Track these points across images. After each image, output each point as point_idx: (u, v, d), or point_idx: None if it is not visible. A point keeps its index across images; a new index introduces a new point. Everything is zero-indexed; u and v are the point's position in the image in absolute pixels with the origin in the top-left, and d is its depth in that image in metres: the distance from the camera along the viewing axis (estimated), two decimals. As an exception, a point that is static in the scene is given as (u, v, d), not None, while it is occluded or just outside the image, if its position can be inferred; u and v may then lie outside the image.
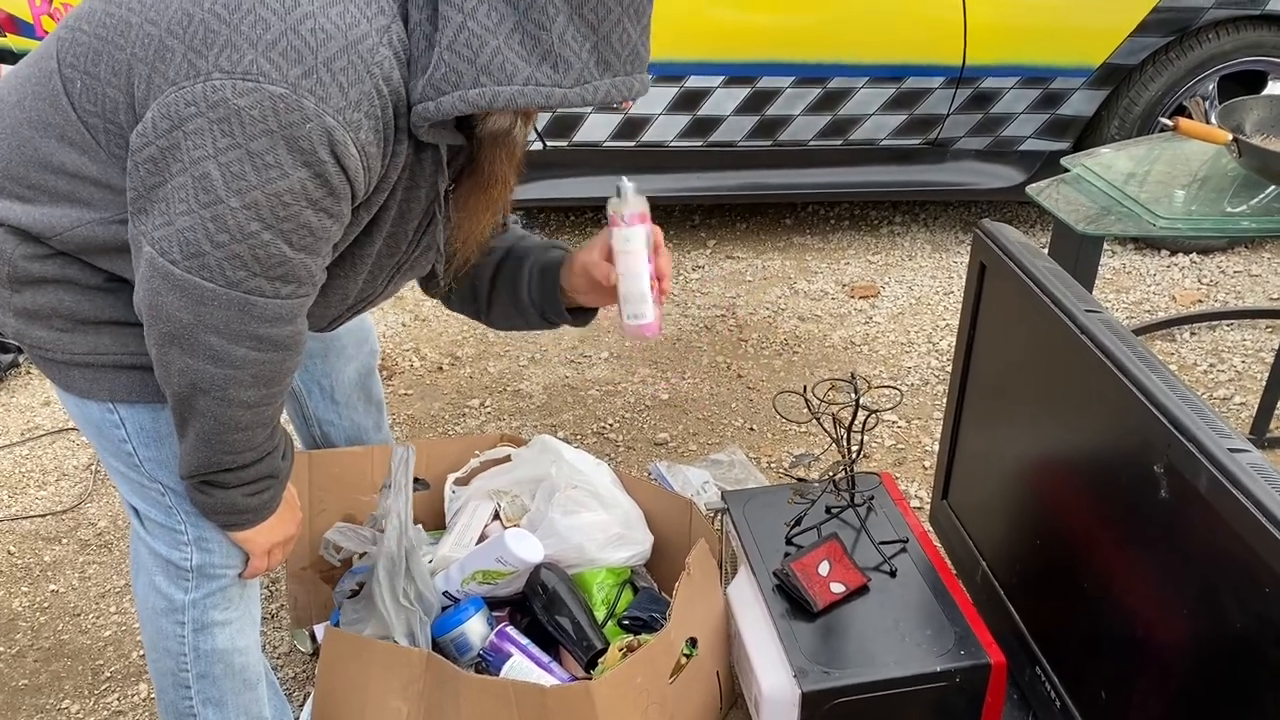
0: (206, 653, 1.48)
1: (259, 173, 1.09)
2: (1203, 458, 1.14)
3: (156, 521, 1.41)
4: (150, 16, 1.13)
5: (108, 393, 1.32)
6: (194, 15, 1.10)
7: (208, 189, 1.09)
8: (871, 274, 3.32)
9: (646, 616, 1.77)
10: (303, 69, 1.07)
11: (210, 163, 1.08)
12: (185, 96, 1.08)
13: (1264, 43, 3.08)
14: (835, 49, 3.04)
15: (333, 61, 1.08)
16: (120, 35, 1.14)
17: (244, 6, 1.08)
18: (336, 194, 1.15)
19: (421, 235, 1.37)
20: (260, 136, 1.08)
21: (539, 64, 1.11)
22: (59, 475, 2.49)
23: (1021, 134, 3.22)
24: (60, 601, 2.14)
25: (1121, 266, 3.32)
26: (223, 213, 1.10)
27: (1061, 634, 1.51)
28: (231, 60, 1.07)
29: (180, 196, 1.10)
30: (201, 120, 1.07)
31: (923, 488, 2.36)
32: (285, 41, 1.07)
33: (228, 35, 1.08)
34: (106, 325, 1.29)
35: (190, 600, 1.44)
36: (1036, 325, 1.50)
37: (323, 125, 1.08)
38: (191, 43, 1.09)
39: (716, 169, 3.26)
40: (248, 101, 1.06)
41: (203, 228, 1.11)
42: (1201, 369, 2.78)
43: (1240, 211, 1.95)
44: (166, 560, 1.42)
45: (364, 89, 1.10)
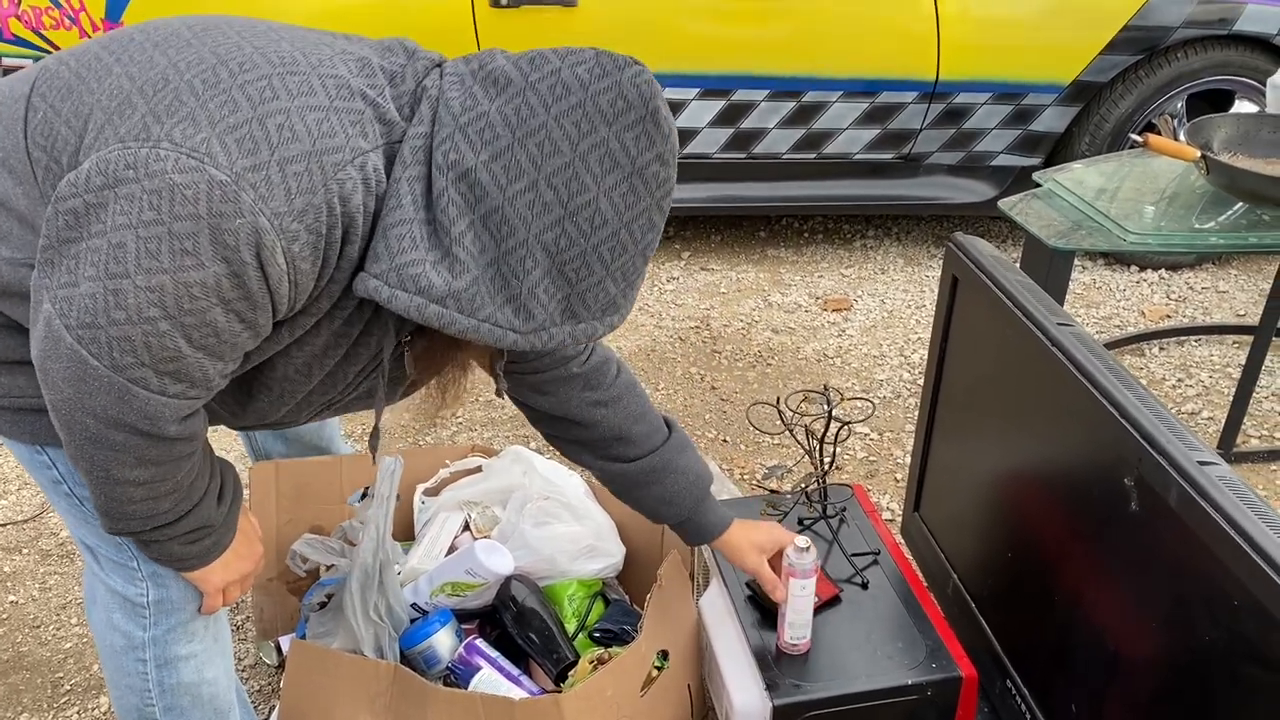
0: (172, 687, 1.42)
1: (174, 258, 1.00)
2: (1173, 471, 1.14)
3: (109, 558, 1.33)
4: (131, 72, 1.07)
5: (30, 436, 1.24)
6: (170, 82, 1.04)
7: (119, 260, 1.00)
8: (844, 287, 3.33)
9: (618, 629, 1.75)
10: (254, 161, 0.99)
11: (129, 232, 1.00)
12: (128, 157, 1.00)
13: (1231, 62, 3.13)
14: (810, 63, 3.06)
15: (289, 163, 1.00)
16: (96, 80, 1.09)
17: (221, 86, 1.02)
18: (252, 300, 1.04)
19: (362, 381, 1.26)
20: (186, 219, 0.99)
21: (503, 305, 1.05)
22: (20, 484, 2.45)
23: (993, 149, 3.25)
24: (19, 613, 2.09)
25: (1091, 282, 3.35)
26: (125, 288, 1.00)
27: (1032, 647, 1.51)
28: (184, 133, 1.00)
29: (91, 260, 1.01)
30: (135, 187, 0.99)
31: (894, 500, 2.37)
32: (246, 129, 1.00)
33: (192, 108, 1.01)
34: (20, 366, 1.18)
35: (150, 637, 1.37)
36: (1008, 338, 1.51)
37: (254, 224, 0.99)
38: (154, 106, 1.03)
39: (691, 181, 3.26)
40: (184, 179, 0.98)
41: (103, 298, 1.01)
42: (1170, 384, 2.81)
43: (1209, 228, 1.97)
44: (123, 597, 1.35)
45: (313, 200, 1.01)
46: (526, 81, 1.03)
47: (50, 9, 2.92)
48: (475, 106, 1.04)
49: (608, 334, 1.12)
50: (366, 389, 1.28)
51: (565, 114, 1.02)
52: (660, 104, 1.05)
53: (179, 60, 1.06)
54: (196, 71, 1.04)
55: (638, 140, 1.03)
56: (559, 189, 1.02)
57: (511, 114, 1.02)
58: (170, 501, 1.20)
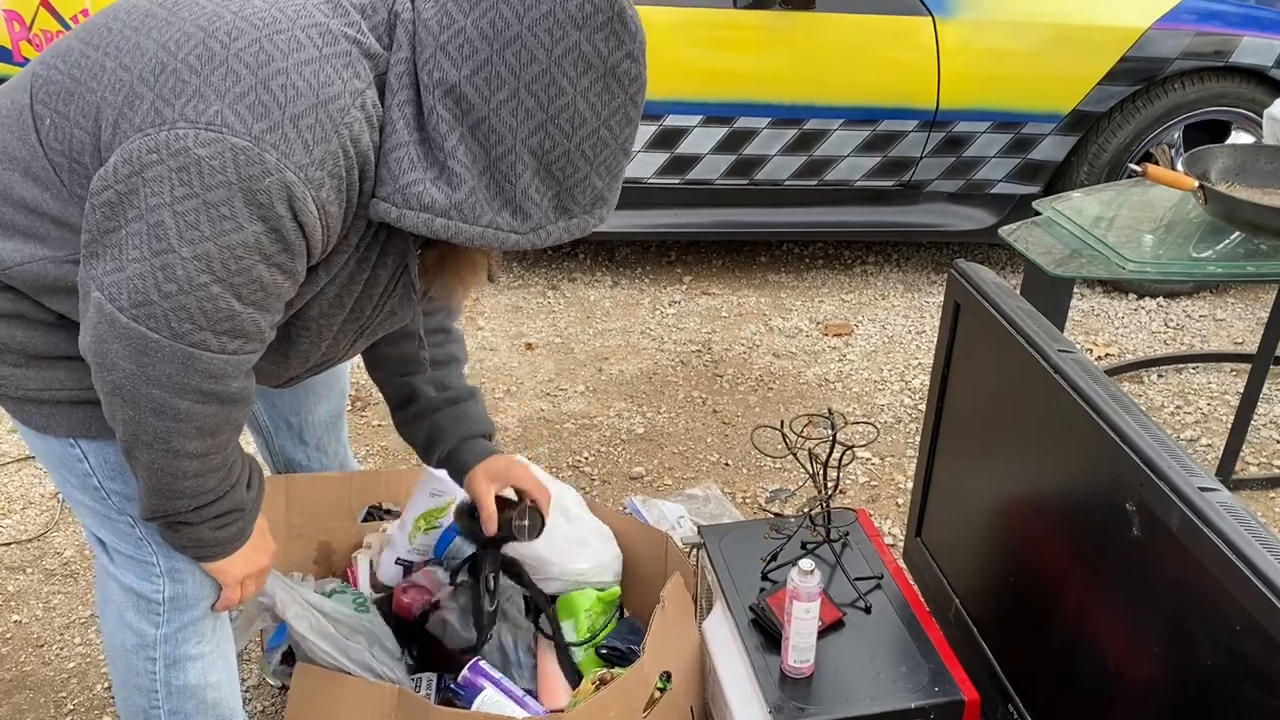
0: (179, 689, 1.45)
1: (213, 224, 1.07)
2: (1174, 496, 1.16)
3: (125, 554, 1.37)
4: (124, 62, 1.12)
5: (66, 428, 1.29)
6: (166, 64, 1.09)
7: (160, 237, 1.07)
8: (845, 312, 3.35)
9: (625, 648, 1.76)
10: (268, 123, 1.06)
11: (166, 211, 1.06)
12: (149, 143, 1.06)
13: (1228, 94, 3.17)
14: (812, 91, 3.10)
15: (300, 119, 1.07)
16: (93, 78, 1.13)
17: (217, 58, 1.07)
18: (291, 250, 1.12)
19: (386, 301, 1.34)
20: (218, 188, 1.06)
21: (500, 209, 1.13)
22: (24, 503, 2.45)
23: (993, 177, 3.28)
24: (23, 632, 2.10)
25: (1090, 309, 3.37)
26: (173, 262, 1.08)
27: (1034, 671, 1.52)
28: (197, 110, 1.06)
29: (134, 243, 1.08)
30: (162, 168, 1.06)
31: (896, 525, 2.38)
32: (254, 95, 1.06)
33: (196, 85, 1.07)
34: (61, 360, 1.25)
35: (162, 635, 1.41)
36: (1010, 364, 1.52)
37: (282, 180, 1.06)
38: (161, 91, 1.08)
39: (693, 206, 3.29)
40: (208, 152, 1.05)
41: (152, 276, 1.08)
42: (1169, 410, 2.82)
43: (1206, 256, 1.99)
44: (138, 594, 1.39)
45: (329, 148, 1.08)
46: None
47: (61, 31, 2.95)
48: (452, 24, 1.09)
49: (598, 226, 1.20)
50: (389, 309, 1.36)
51: (537, 22, 1.07)
52: (625, 4, 1.10)
53: (166, 40, 1.11)
54: (189, 49, 1.09)
55: (607, 41, 1.09)
56: (538, 94, 1.09)
57: (487, 27, 1.08)
58: (216, 478, 1.26)
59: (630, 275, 3.58)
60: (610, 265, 3.65)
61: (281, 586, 1.68)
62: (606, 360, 3.07)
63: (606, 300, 3.42)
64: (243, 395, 1.21)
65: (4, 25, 2.94)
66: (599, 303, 3.40)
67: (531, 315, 3.32)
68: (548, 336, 3.19)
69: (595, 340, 3.18)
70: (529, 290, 3.47)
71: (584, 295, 3.45)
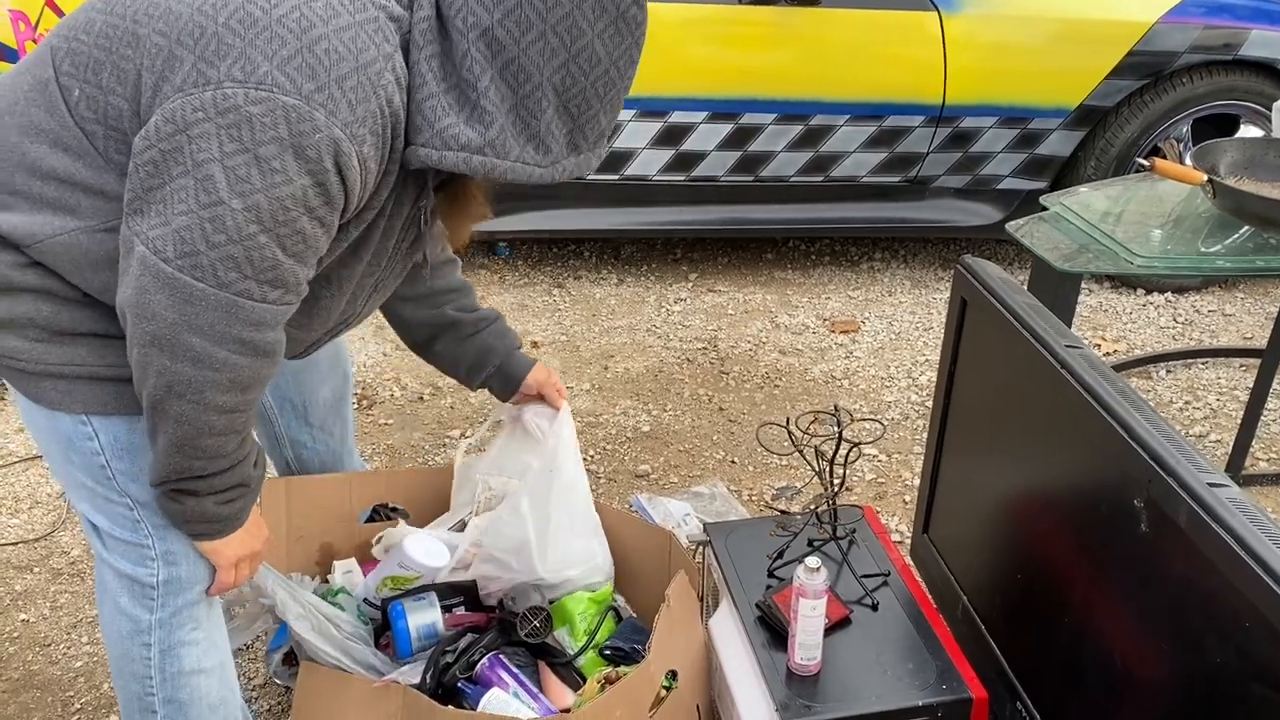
0: (173, 675, 1.46)
1: (265, 176, 1.13)
2: (1183, 493, 1.15)
3: (120, 539, 1.39)
4: (159, 28, 1.16)
5: (82, 405, 1.32)
6: (206, 28, 1.14)
7: (209, 190, 1.13)
8: (852, 309, 3.34)
9: (629, 647, 1.76)
10: (316, 84, 1.13)
11: (215, 165, 1.12)
12: (193, 102, 1.12)
13: (1237, 87, 3.15)
14: (817, 87, 3.08)
15: (344, 80, 1.14)
16: (127, 46, 1.17)
17: (260, 23, 1.13)
18: (333, 204, 1.20)
19: (399, 250, 1.42)
20: (270, 143, 1.12)
21: (525, 144, 1.23)
22: (32, 503, 2.46)
23: (1000, 173, 3.26)
24: (30, 631, 2.10)
25: (1098, 304, 3.35)
26: (223, 213, 1.14)
27: (1042, 668, 1.51)
28: (245, 71, 1.12)
29: (180, 197, 1.13)
30: (209, 125, 1.12)
31: (903, 521, 2.37)
32: (300, 58, 1.12)
33: (241, 48, 1.12)
34: (83, 337, 1.29)
35: (157, 620, 1.43)
36: (1017, 360, 1.52)
37: (331, 136, 1.14)
38: (203, 53, 1.13)
39: (699, 203, 3.28)
40: (260, 109, 1.11)
41: (200, 228, 1.14)
42: (1177, 406, 2.81)
43: (1215, 251, 1.98)
44: (132, 579, 1.41)
45: (370, 107, 1.16)
46: None
47: (66, 33, 2.96)
48: None
49: (598, 164, 1.33)
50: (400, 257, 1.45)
51: None
52: None
53: (200, 5, 1.16)
54: (228, 13, 1.14)
55: None
56: (562, 35, 1.18)
57: None
58: (235, 441, 1.31)
59: (636, 273, 3.58)
60: (616, 263, 3.64)
61: (283, 587, 1.68)
62: (612, 358, 3.06)
63: (612, 298, 3.41)
64: (276, 348, 1.27)
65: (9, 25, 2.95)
66: (604, 300, 3.40)
67: (537, 313, 3.31)
68: (553, 334, 3.19)
69: (601, 338, 3.17)
70: (534, 288, 3.47)
71: (589, 293, 3.44)
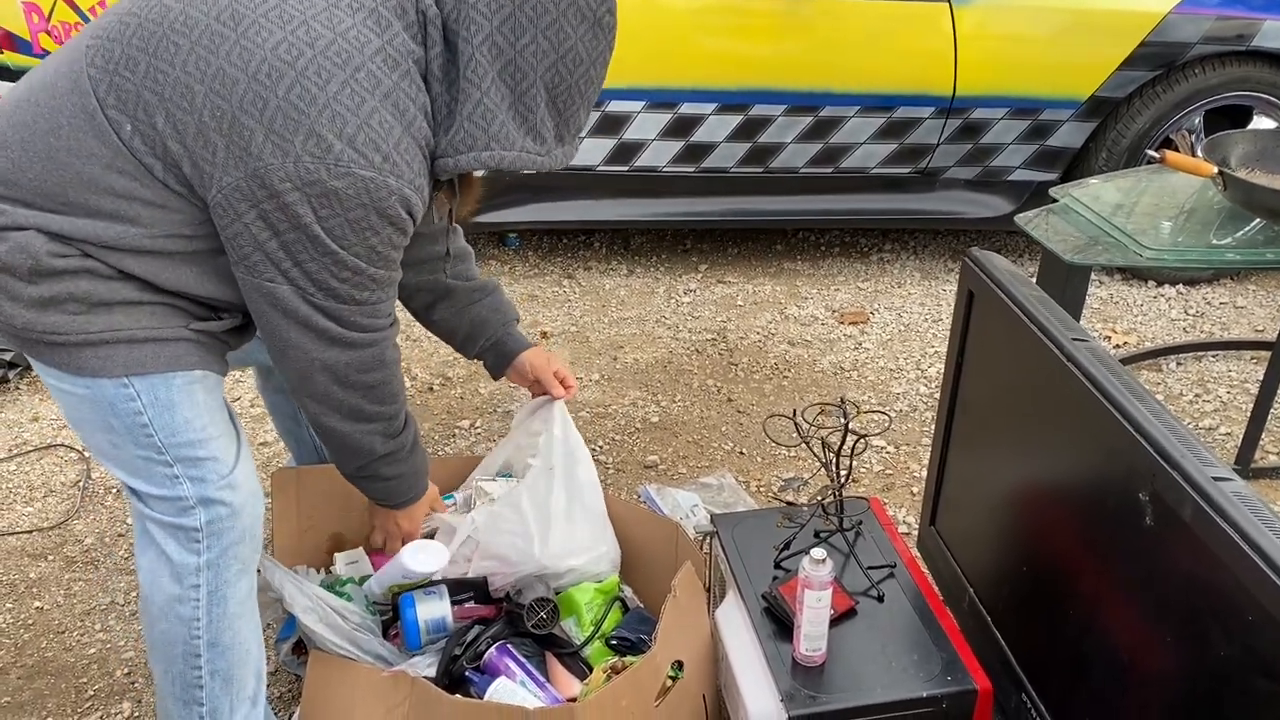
0: (219, 617, 1.51)
1: (358, 233, 1.35)
2: (1187, 486, 1.15)
3: (159, 496, 1.46)
4: (215, 89, 1.29)
5: (123, 367, 1.40)
6: (269, 101, 1.28)
7: (320, 245, 1.35)
8: (861, 300, 3.34)
9: (635, 638, 1.77)
10: (381, 155, 1.32)
11: (316, 226, 1.33)
12: (278, 174, 1.29)
13: (1249, 78, 3.13)
14: (827, 78, 3.08)
15: (399, 145, 1.33)
16: (182, 99, 1.30)
17: (320, 101, 1.28)
18: (408, 235, 1.43)
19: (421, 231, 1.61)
20: (356, 209, 1.33)
21: (524, 136, 1.41)
22: (46, 491, 2.48)
23: (1010, 164, 3.25)
24: (45, 619, 2.12)
25: (1109, 296, 3.34)
26: (342, 259, 1.37)
27: (1048, 661, 1.52)
28: (320, 148, 1.29)
29: (299, 248, 1.35)
30: (298, 195, 1.30)
31: (910, 513, 2.37)
32: (363, 135, 1.30)
33: (309, 125, 1.28)
34: (120, 305, 1.39)
35: (205, 561, 1.48)
36: (1024, 353, 1.52)
37: (403, 196, 1.35)
38: (272, 126, 1.28)
39: (708, 194, 3.28)
40: (344, 184, 1.31)
41: (328, 269, 1.37)
42: (1187, 399, 2.80)
43: (1226, 243, 1.97)
44: (176, 527, 1.47)
45: (420, 159, 1.37)
46: None
47: (79, 24, 2.97)
48: None
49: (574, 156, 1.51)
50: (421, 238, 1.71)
51: None
52: None
53: (254, 72, 1.28)
54: (285, 87, 1.28)
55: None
56: (551, 39, 1.36)
57: None
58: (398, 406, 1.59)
59: (645, 264, 3.58)
60: (625, 254, 3.65)
61: (290, 580, 1.70)
62: (621, 349, 3.07)
63: (622, 289, 3.42)
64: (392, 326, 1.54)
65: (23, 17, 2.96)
66: (614, 291, 3.40)
67: (547, 304, 3.32)
68: (563, 325, 3.19)
69: (610, 329, 3.18)
70: (544, 279, 3.48)
71: (599, 284, 3.45)
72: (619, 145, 3.13)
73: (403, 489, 1.70)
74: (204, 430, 1.46)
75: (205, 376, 1.48)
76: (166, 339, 1.42)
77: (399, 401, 1.58)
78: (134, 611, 2.12)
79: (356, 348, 1.47)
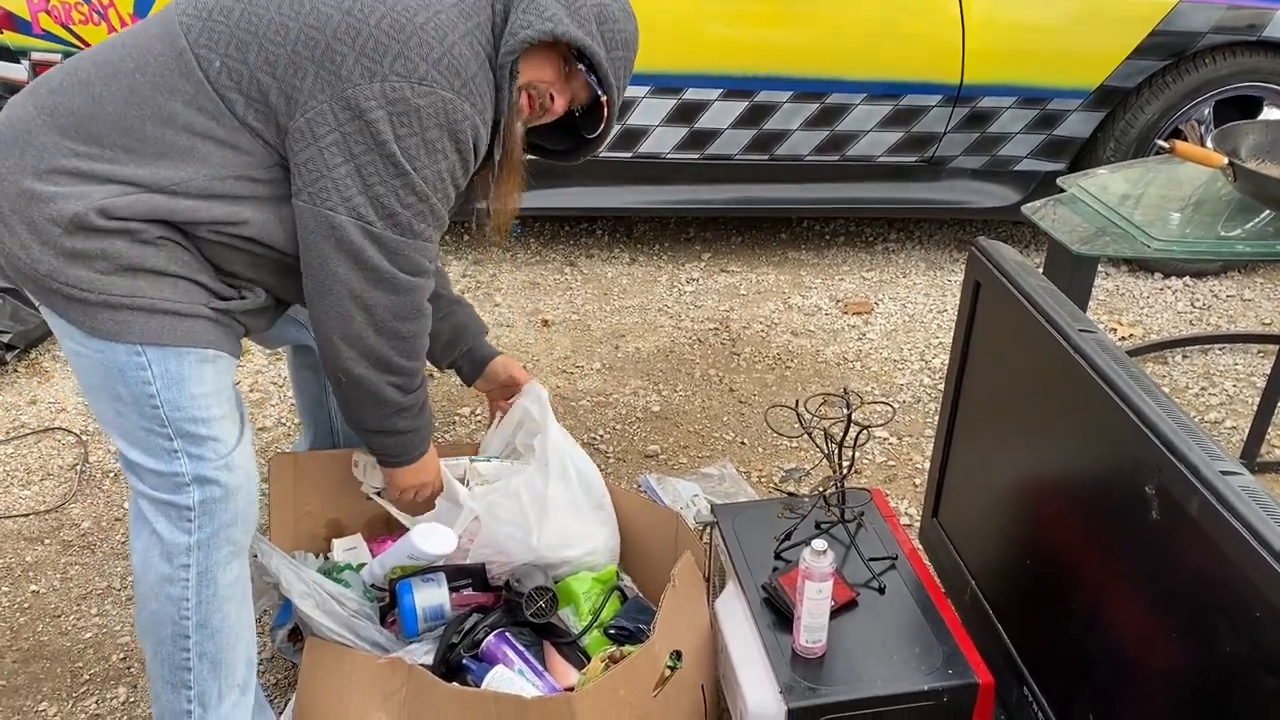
0: (208, 598, 1.51)
1: (430, 155, 1.44)
2: (1194, 480, 1.13)
3: (155, 470, 1.47)
4: (309, 23, 1.40)
5: (138, 334, 1.42)
6: (360, 30, 1.40)
7: (395, 165, 1.42)
8: (866, 290, 3.32)
9: (633, 627, 1.75)
10: (461, 81, 1.43)
11: (393, 145, 1.40)
12: (365, 93, 1.39)
13: (1260, 69, 3.10)
14: (833, 65, 3.05)
15: (475, 77, 1.45)
16: (277, 34, 1.40)
17: (408, 29, 1.40)
18: (468, 170, 1.53)
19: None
20: (434, 128, 1.42)
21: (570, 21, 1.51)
22: (43, 475, 2.47)
23: (1018, 154, 3.23)
24: (41, 602, 2.11)
25: (1115, 288, 3.32)
26: (412, 181, 1.44)
27: (1050, 655, 1.50)
28: (407, 68, 1.39)
29: (370, 170, 1.42)
30: (381, 113, 1.39)
31: (913, 505, 2.35)
32: (447, 61, 1.41)
33: (399, 49, 1.39)
34: (146, 272, 1.42)
35: (196, 541, 1.49)
36: (1030, 344, 1.50)
37: (474, 122, 1.46)
38: (363, 49, 1.39)
39: (712, 182, 3.26)
40: (426, 102, 1.40)
41: (395, 194, 1.44)
42: (1193, 392, 2.78)
43: (1235, 235, 1.95)
44: (169, 504, 1.48)
45: (490, 97, 1.49)
46: None
47: (79, 4, 2.95)
48: None
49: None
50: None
51: None
52: None
53: (349, 7, 1.41)
54: (378, 18, 1.40)
55: None
56: None
57: None
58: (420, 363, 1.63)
59: (648, 252, 3.56)
60: (628, 242, 3.63)
61: (287, 566, 1.69)
62: (623, 338, 3.05)
63: (624, 277, 3.40)
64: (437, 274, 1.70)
65: (23, -2, 2.94)
66: (616, 279, 3.38)
67: (548, 291, 3.30)
68: (564, 313, 3.18)
69: (612, 317, 3.16)
70: (546, 266, 3.46)
71: (601, 272, 3.43)
72: (622, 132, 3.10)
73: (415, 443, 1.72)
74: (209, 409, 1.47)
75: (218, 357, 1.50)
76: (185, 314, 1.45)
77: (421, 358, 1.62)
78: (130, 596, 2.11)
79: (400, 291, 1.51)
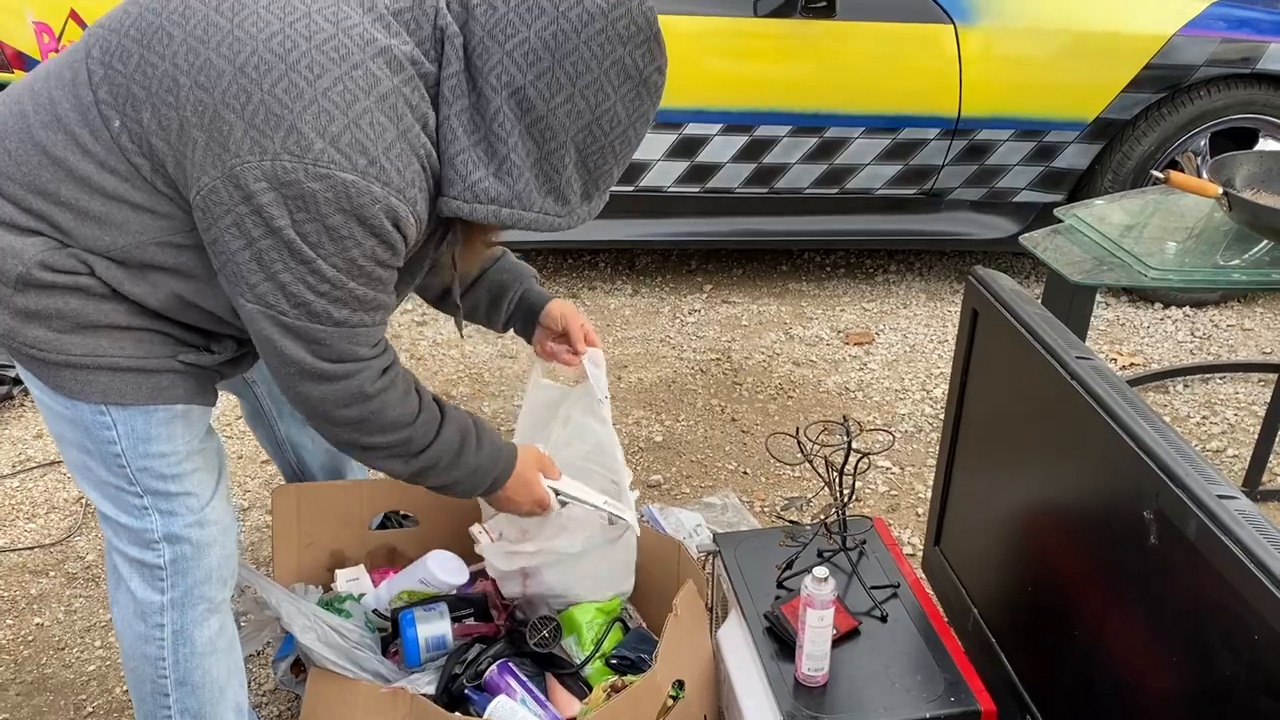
0: (186, 657, 1.49)
1: (336, 242, 1.22)
2: (1192, 505, 1.14)
3: (127, 526, 1.43)
4: (200, 81, 1.19)
5: (101, 395, 1.35)
6: (252, 95, 1.17)
7: (295, 252, 1.21)
8: (866, 321, 3.33)
9: (635, 657, 1.75)
10: (368, 159, 1.19)
11: (290, 231, 1.20)
12: (254, 172, 1.18)
13: (1255, 101, 3.13)
14: (832, 99, 3.09)
15: (389, 150, 1.21)
16: (167, 92, 1.21)
17: (305, 97, 1.17)
18: (397, 254, 1.29)
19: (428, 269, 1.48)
20: (335, 214, 1.20)
21: (546, 197, 1.30)
22: (49, 508, 2.48)
23: (1016, 185, 3.25)
24: (45, 635, 2.12)
25: (1115, 318, 3.34)
26: (319, 269, 1.23)
27: (1052, 682, 1.50)
28: (300, 146, 1.17)
29: (272, 257, 1.22)
30: (274, 195, 1.18)
31: (916, 534, 2.35)
32: (349, 134, 1.18)
33: (291, 121, 1.17)
34: (106, 329, 1.32)
35: (169, 600, 1.46)
36: (1028, 371, 1.51)
37: (389, 205, 1.22)
38: (252, 120, 1.17)
39: (713, 215, 3.29)
40: (321, 186, 1.18)
41: (303, 280, 1.23)
42: (1194, 421, 2.79)
43: (1232, 264, 1.97)
44: (140, 563, 1.45)
45: (414, 169, 1.24)
46: (558, 10, 1.22)
47: (89, 43, 2.99)
48: (516, 34, 1.22)
49: (600, 211, 1.39)
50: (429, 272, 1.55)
51: (593, 38, 1.22)
52: (659, 26, 1.27)
53: (241, 63, 1.18)
54: (272, 80, 1.18)
55: (644, 56, 1.26)
56: (589, 99, 1.25)
57: (550, 39, 1.22)
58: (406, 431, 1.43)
59: (650, 284, 3.58)
60: (630, 273, 3.65)
61: (287, 599, 1.69)
62: (626, 368, 3.06)
63: (626, 308, 3.42)
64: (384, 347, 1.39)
65: (34, 36, 2.99)
66: (619, 311, 3.40)
67: (552, 323, 3.32)
68: (567, 345, 3.19)
69: (615, 348, 3.17)
70: (549, 298, 3.48)
71: (604, 303, 3.45)
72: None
73: (477, 482, 1.54)
74: (179, 465, 1.41)
75: (188, 410, 1.41)
76: (151, 370, 1.35)
77: (403, 428, 1.40)
78: (134, 628, 2.11)
79: (330, 380, 1.31)
